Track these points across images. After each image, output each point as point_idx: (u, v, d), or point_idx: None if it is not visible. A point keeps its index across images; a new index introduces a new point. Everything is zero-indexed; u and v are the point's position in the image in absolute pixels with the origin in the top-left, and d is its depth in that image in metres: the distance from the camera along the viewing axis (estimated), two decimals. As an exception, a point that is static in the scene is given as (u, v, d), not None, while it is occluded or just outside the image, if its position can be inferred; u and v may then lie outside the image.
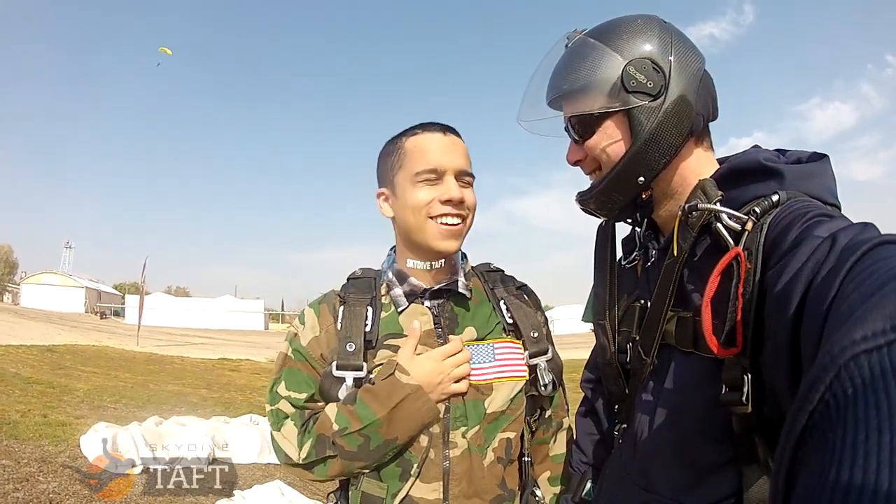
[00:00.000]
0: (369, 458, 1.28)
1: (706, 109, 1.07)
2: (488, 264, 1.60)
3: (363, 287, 1.44)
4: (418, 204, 1.33)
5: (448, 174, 1.33)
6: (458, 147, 1.38)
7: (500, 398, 1.34)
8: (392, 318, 1.39)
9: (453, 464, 1.29)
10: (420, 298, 1.41)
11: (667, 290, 1.04)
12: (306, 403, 1.36)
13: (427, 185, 1.33)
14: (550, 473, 1.52)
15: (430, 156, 1.34)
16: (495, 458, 1.32)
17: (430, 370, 1.27)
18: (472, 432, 1.31)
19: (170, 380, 12.46)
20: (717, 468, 0.96)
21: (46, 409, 7.70)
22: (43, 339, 18.07)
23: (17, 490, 4.52)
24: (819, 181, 0.97)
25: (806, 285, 0.68)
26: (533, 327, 1.43)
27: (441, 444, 1.30)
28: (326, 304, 1.43)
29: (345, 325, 1.36)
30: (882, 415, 0.38)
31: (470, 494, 1.29)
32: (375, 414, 1.24)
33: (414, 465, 1.29)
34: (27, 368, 11.63)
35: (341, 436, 1.26)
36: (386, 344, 1.35)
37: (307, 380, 1.37)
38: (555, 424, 1.54)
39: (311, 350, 1.38)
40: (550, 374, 1.40)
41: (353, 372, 1.31)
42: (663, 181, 1.09)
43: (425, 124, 1.41)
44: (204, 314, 54.61)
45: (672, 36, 1.06)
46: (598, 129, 1.08)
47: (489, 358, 1.36)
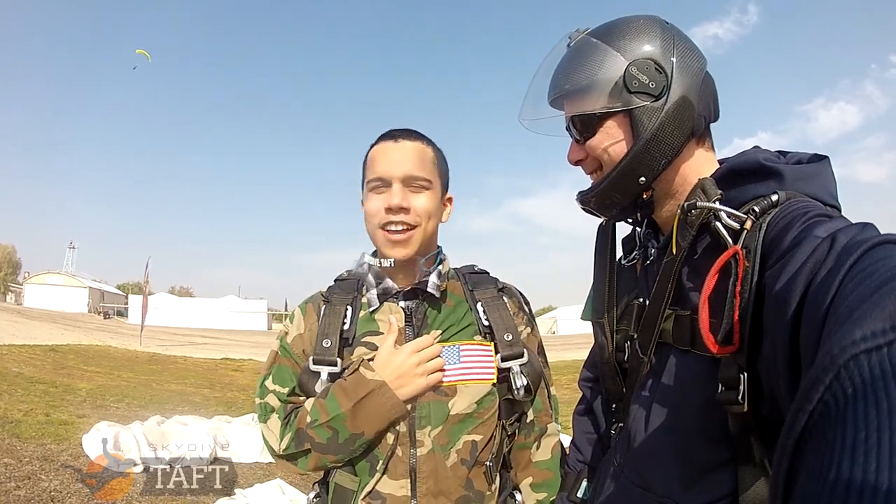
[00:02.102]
0: (339, 452, 1.31)
1: (707, 110, 1.07)
2: (472, 266, 1.62)
3: (347, 288, 1.49)
4: (369, 212, 1.40)
5: (395, 181, 1.37)
6: (407, 153, 1.40)
7: (465, 400, 1.35)
8: (368, 317, 1.43)
9: (420, 462, 1.32)
10: (394, 298, 1.44)
11: (665, 288, 1.04)
12: (289, 397, 1.42)
13: (377, 193, 1.39)
14: (532, 480, 1.50)
15: (378, 165, 1.39)
16: (458, 459, 1.33)
17: (398, 364, 1.31)
18: (436, 432, 1.33)
19: (172, 379, 12.50)
20: (714, 468, 0.96)
21: (49, 409, 7.75)
22: (46, 339, 18.17)
23: (18, 488, 4.55)
24: (819, 182, 0.97)
25: (805, 285, 0.67)
26: (507, 330, 1.42)
27: (408, 442, 1.33)
28: (312, 304, 1.51)
29: (324, 322, 1.42)
30: (882, 415, 0.37)
31: (436, 493, 1.32)
32: (341, 407, 1.29)
33: (380, 461, 1.32)
34: (30, 368, 11.69)
35: (311, 427, 1.31)
36: (363, 342, 1.40)
37: (291, 375, 1.43)
38: (537, 430, 1.51)
39: (294, 347, 1.45)
40: (525, 378, 1.38)
41: (328, 367, 1.36)
42: (664, 181, 1.08)
43: (386, 132, 1.46)
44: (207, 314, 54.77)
45: (674, 37, 1.06)
46: (600, 129, 1.08)
47: (454, 360, 1.38)
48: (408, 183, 1.37)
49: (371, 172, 1.40)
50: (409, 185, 1.37)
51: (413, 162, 1.39)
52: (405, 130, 1.45)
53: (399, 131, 1.44)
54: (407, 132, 1.45)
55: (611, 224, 1.29)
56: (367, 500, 1.32)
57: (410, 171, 1.37)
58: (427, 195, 1.40)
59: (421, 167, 1.39)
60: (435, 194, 1.42)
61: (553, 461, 1.51)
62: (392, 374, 1.30)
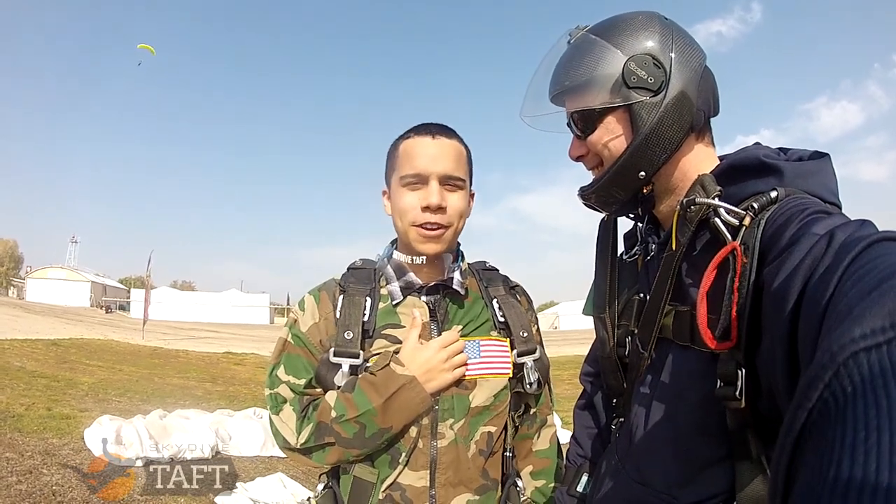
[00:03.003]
0: (364, 446, 1.32)
1: (707, 105, 1.07)
2: (484, 263, 1.64)
3: (363, 277, 1.47)
4: (403, 209, 1.38)
5: (432, 179, 1.36)
6: (446, 151, 1.39)
7: (484, 394, 1.39)
8: (389, 310, 1.43)
9: (440, 453, 1.35)
10: (416, 293, 1.45)
11: (665, 284, 1.04)
12: (305, 389, 1.40)
13: (411, 189, 1.37)
14: (533, 468, 1.57)
15: (416, 161, 1.37)
16: (477, 450, 1.38)
17: (427, 360, 1.32)
18: (459, 425, 1.36)
19: (174, 373, 12.54)
20: (711, 464, 0.96)
21: (51, 403, 7.75)
22: (48, 333, 18.16)
23: (20, 482, 4.55)
24: (819, 179, 0.97)
25: (803, 282, 0.67)
26: (523, 327, 1.47)
27: (430, 435, 1.35)
28: (326, 291, 1.47)
29: (344, 313, 1.39)
30: (882, 413, 0.37)
31: (455, 483, 1.35)
32: (371, 402, 1.28)
33: (403, 454, 1.34)
34: (32, 362, 11.69)
35: (338, 422, 1.30)
36: (383, 334, 1.40)
37: (306, 365, 1.41)
38: (539, 421, 1.59)
39: (310, 336, 1.42)
40: (536, 373, 1.44)
41: (350, 359, 1.35)
42: (664, 176, 1.09)
43: (420, 126, 1.43)
44: (210, 308, 54.93)
45: (673, 32, 1.06)
46: (600, 125, 1.08)
47: (474, 355, 1.40)
48: (444, 181, 1.37)
49: (407, 167, 1.37)
50: (445, 183, 1.37)
51: (452, 161, 1.38)
52: (440, 126, 1.43)
53: (435, 126, 1.42)
54: (443, 128, 1.43)
55: (612, 219, 1.29)
56: (388, 492, 1.34)
57: (449, 170, 1.37)
58: (460, 195, 1.40)
59: (457, 166, 1.39)
60: (466, 193, 1.43)
61: (551, 450, 1.60)
62: (420, 368, 1.31)
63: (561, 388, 11.38)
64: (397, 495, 1.33)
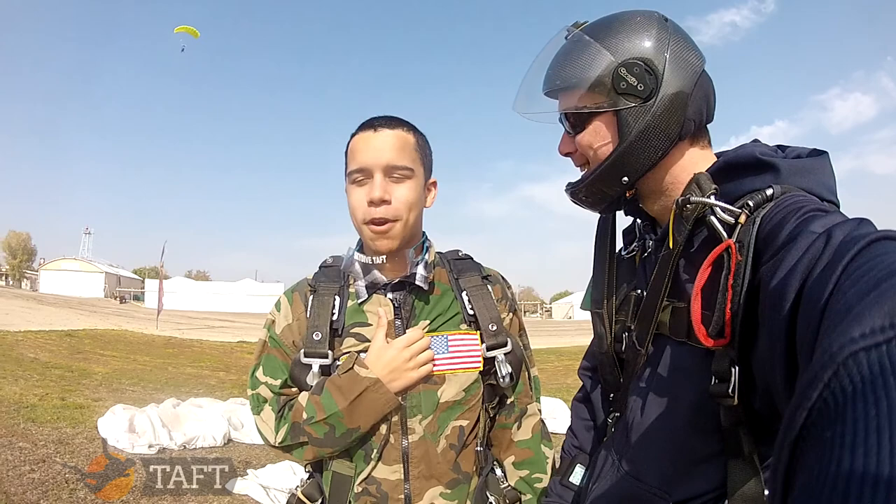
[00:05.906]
0: (336, 444, 1.35)
1: (699, 114, 1.05)
2: (457, 251, 1.61)
3: (333, 276, 1.48)
4: (353, 206, 1.38)
5: (376, 172, 1.34)
6: (387, 142, 1.36)
7: (453, 388, 1.39)
8: (357, 308, 1.44)
9: (412, 448, 1.37)
10: (381, 290, 1.44)
11: (661, 281, 1.04)
12: (281, 389, 1.43)
13: (358, 185, 1.37)
14: (514, 458, 1.55)
15: (359, 155, 1.36)
16: (447, 444, 1.38)
17: (391, 359, 1.32)
18: (427, 421, 1.37)
19: (188, 363, 12.72)
20: (705, 460, 0.97)
21: (65, 393, 7.90)
22: (62, 325, 18.48)
23: (33, 471, 4.65)
24: (816, 177, 0.96)
25: (801, 281, 0.66)
26: (492, 319, 1.44)
27: (400, 431, 1.37)
28: (298, 292, 1.49)
29: (313, 314, 1.41)
30: (882, 413, 0.36)
31: (428, 476, 1.37)
32: (337, 405, 1.30)
33: (374, 450, 1.36)
34: (45, 353, 11.89)
35: (309, 424, 1.33)
36: (352, 333, 1.41)
37: (281, 366, 1.44)
38: (518, 410, 1.56)
39: (284, 338, 1.45)
40: (508, 367, 1.43)
41: (319, 359, 1.37)
42: (651, 180, 1.08)
43: (366, 121, 1.42)
44: (224, 298, 55.43)
45: (670, 37, 1.03)
46: (588, 127, 1.08)
47: (443, 349, 1.40)
48: (389, 173, 1.35)
49: (352, 163, 1.37)
50: (391, 175, 1.35)
51: (394, 151, 1.36)
52: (385, 118, 1.41)
53: (379, 119, 1.41)
54: (387, 119, 1.41)
55: (611, 215, 1.29)
56: (364, 486, 1.37)
57: (391, 160, 1.35)
58: (408, 185, 1.37)
59: (401, 156, 1.37)
60: (417, 182, 1.40)
61: (534, 440, 1.56)
62: (384, 369, 1.31)
63: (569, 377, 11.43)
64: (373, 488, 1.36)
